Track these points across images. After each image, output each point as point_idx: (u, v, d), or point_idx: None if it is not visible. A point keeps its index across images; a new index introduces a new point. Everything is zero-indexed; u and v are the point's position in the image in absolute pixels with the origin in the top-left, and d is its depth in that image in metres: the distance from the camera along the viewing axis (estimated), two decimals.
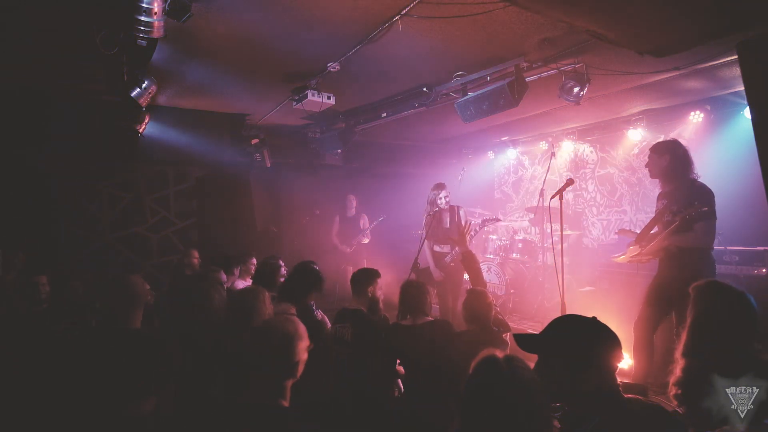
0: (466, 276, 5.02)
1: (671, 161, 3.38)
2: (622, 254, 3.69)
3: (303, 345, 1.83)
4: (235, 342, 2.21)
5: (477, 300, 2.89)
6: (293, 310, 3.05)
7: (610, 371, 1.48)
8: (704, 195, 3.27)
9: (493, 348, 1.42)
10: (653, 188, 3.63)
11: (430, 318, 2.98)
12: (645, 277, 4.37)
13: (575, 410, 1.49)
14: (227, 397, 2.10)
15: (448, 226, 4.96)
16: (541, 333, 1.59)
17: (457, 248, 4.86)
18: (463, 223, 4.90)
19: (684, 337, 2.00)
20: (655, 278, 3.49)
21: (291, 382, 1.78)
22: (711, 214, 3.23)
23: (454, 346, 2.70)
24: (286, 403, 1.75)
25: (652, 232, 3.49)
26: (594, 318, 1.57)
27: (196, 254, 4.99)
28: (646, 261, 3.55)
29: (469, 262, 3.47)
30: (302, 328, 1.86)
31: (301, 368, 1.81)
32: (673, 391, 1.95)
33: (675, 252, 3.27)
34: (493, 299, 2.97)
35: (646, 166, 3.59)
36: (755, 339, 1.88)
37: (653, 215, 3.57)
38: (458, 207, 5.02)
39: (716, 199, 3.17)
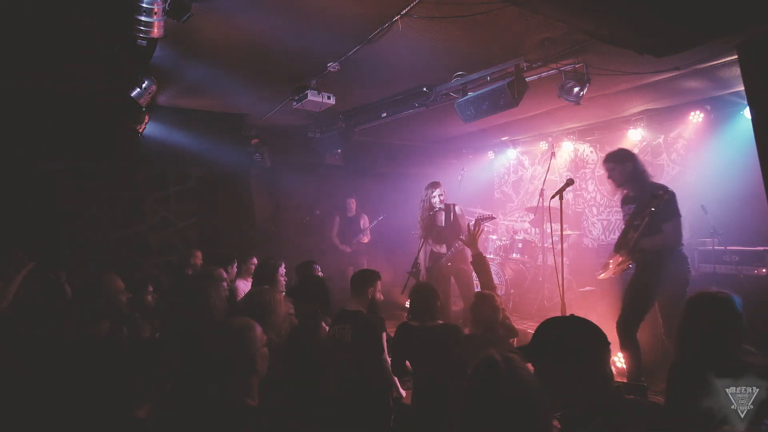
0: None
1: (635, 167, 3.57)
2: (603, 271, 3.78)
3: (259, 341, 1.78)
4: None
5: (485, 304, 2.87)
6: (292, 310, 3.05)
7: (603, 365, 1.49)
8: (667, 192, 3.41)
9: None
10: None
11: (440, 321, 2.96)
12: None
13: (575, 411, 1.49)
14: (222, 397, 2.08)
15: (443, 224, 4.94)
16: (529, 343, 1.60)
17: (453, 248, 4.86)
18: (460, 221, 4.87)
19: (674, 345, 2.08)
20: (632, 278, 3.59)
21: (256, 379, 1.75)
22: (675, 213, 3.39)
23: (460, 349, 2.69)
24: (253, 402, 1.72)
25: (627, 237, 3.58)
26: (572, 315, 1.59)
27: (199, 255, 4.95)
28: (626, 267, 3.62)
29: (480, 265, 3.35)
30: (258, 328, 1.82)
31: (262, 363, 1.77)
32: (664, 396, 2.00)
33: (649, 253, 3.42)
34: (501, 303, 2.93)
35: (609, 177, 3.69)
36: (742, 342, 1.93)
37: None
38: (453, 205, 4.98)
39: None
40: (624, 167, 3.58)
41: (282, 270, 3.90)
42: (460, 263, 4.92)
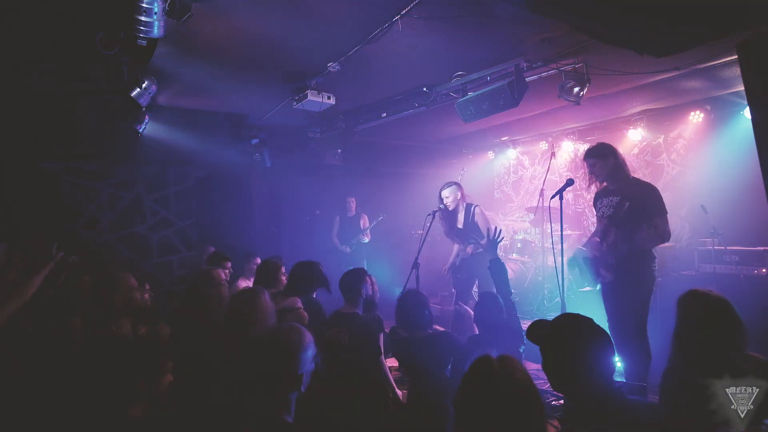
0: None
1: (616, 161, 3.52)
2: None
3: (308, 356, 1.68)
4: (236, 344, 2.20)
5: (489, 305, 2.84)
6: (299, 303, 3.03)
7: (605, 366, 1.49)
8: (652, 190, 3.40)
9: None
10: None
11: (429, 331, 2.88)
12: None
13: (576, 411, 1.49)
14: (222, 401, 2.07)
15: (461, 226, 4.87)
16: (540, 327, 1.61)
17: (462, 249, 4.84)
18: (480, 222, 4.76)
19: (672, 344, 2.05)
20: (616, 284, 3.48)
21: (295, 396, 1.65)
22: (662, 211, 3.35)
23: (456, 355, 2.67)
24: (290, 419, 1.62)
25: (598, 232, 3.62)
26: (576, 314, 1.60)
27: (229, 265, 4.49)
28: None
29: (496, 271, 3.13)
30: (308, 337, 1.72)
31: (306, 380, 1.68)
32: (661, 396, 1.99)
33: (629, 256, 3.33)
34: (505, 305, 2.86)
35: (591, 173, 3.63)
36: (739, 342, 1.90)
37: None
38: (474, 206, 4.85)
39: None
40: (606, 162, 3.53)
41: (284, 269, 3.88)
42: (479, 265, 4.85)
